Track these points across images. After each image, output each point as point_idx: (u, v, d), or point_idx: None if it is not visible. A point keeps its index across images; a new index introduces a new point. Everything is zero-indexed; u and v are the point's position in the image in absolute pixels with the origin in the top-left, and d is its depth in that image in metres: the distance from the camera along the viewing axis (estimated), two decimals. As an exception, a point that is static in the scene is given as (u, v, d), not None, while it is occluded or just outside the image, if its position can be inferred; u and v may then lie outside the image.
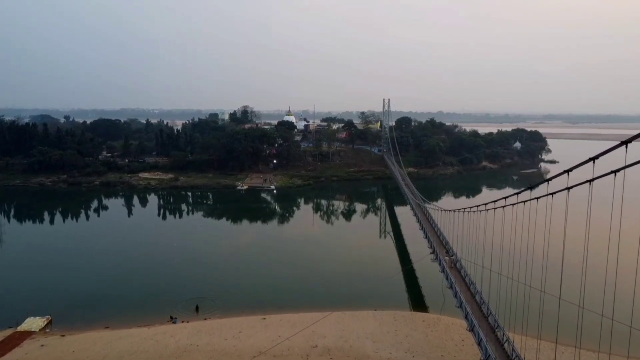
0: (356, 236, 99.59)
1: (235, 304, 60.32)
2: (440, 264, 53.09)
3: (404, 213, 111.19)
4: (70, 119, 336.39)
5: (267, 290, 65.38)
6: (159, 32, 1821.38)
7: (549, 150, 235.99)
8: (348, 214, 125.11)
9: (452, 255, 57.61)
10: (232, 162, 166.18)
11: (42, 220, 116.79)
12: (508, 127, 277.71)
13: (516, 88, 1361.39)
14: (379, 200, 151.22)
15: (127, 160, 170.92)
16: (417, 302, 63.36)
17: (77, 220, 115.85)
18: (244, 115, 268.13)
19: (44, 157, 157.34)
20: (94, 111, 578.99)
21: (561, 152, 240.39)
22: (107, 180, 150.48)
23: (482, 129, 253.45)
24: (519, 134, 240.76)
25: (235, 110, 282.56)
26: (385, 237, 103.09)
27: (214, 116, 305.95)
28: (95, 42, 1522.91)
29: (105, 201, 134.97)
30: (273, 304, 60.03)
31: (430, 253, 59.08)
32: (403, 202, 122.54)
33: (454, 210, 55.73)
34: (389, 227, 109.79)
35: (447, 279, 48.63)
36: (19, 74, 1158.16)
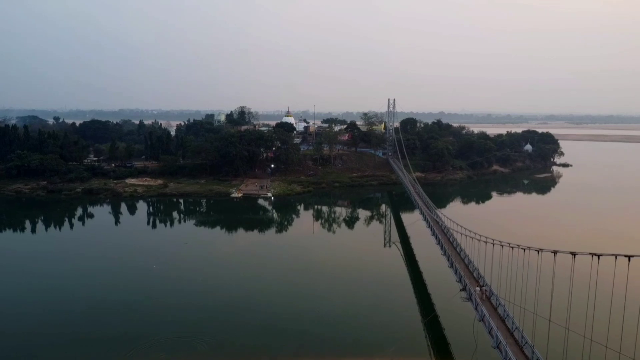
0: (360, 251, 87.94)
1: (217, 353, 48.70)
2: (476, 309, 41.62)
3: (412, 223, 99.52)
4: (60, 120, 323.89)
5: (258, 331, 53.20)
6: (157, 34, 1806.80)
7: (562, 153, 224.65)
8: (351, 224, 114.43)
9: (484, 286, 46.65)
10: (226, 167, 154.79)
11: (4, 236, 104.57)
12: (513, 128, 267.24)
13: (517, 88, 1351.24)
14: (384, 208, 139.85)
15: (113, 165, 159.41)
16: (439, 341, 51.88)
17: (45, 235, 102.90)
18: (240, 116, 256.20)
19: (22, 162, 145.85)
20: (91, 112, 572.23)
21: (572, 155, 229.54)
22: (89, 188, 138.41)
23: (486, 130, 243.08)
24: (529, 135, 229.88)
25: (231, 111, 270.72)
26: (391, 246, 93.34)
27: (209, 117, 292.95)
28: (94, 43, 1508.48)
29: (83, 211, 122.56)
30: (265, 351, 48.55)
31: (461, 290, 47.45)
32: (410, 209, 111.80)
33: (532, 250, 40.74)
34: (395, 237, 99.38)
35: (489, 333, 37.23)
36: (17, 74, 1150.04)
